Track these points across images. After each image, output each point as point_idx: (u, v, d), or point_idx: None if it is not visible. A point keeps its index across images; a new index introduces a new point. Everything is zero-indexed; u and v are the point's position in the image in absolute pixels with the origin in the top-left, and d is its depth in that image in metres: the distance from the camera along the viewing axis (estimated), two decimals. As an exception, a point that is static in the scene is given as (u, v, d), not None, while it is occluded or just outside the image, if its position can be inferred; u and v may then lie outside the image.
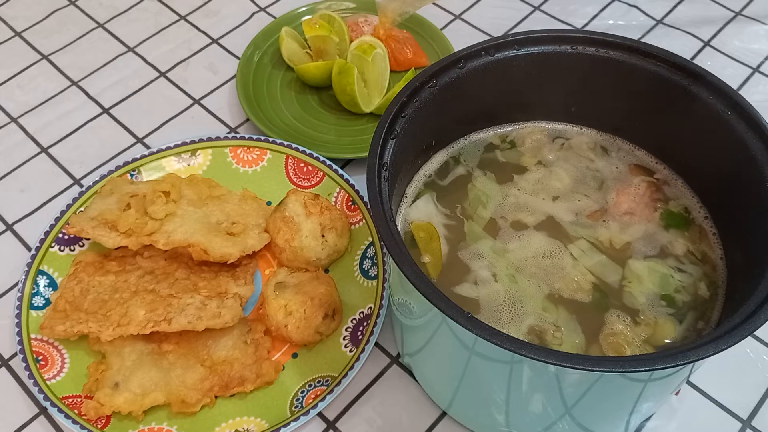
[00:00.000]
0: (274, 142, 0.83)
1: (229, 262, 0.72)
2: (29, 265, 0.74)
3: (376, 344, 0.72)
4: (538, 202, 0.64)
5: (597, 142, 0.68)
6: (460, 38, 0.98)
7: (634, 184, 0.65)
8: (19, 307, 0.71)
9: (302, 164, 0.82)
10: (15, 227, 0.83)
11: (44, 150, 0.90)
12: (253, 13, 1.05)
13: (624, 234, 0.62)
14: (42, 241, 0.76)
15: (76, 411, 0.65)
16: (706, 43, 1.00)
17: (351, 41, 0.91)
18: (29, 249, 0.80)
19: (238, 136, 0.86)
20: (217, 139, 0.84)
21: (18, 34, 1.03)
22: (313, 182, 0.82)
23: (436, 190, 0.66)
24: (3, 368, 0.72)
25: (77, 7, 1.07)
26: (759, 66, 0.97)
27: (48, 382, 0.67)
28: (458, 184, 0.66)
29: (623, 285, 0.59)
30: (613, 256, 0.61)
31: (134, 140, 0.91)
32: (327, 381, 0.68)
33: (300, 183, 0.82)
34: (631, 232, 0.62)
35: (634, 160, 0.67)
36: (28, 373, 0.67)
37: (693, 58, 0.98)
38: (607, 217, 0.63)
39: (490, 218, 0.63)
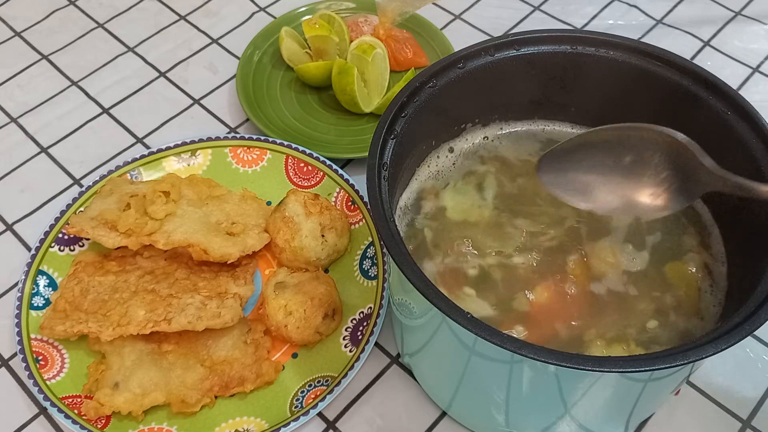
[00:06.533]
0: (274, 142, 0.83)
1: (229, 262, 0.72)
2: (29, 265, 0.74)
3: (376, 344, 0.72)
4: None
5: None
6: (460, 38, 0.98)
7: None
8: (19, 307, 0.71)
9: (302, 164, 0.82)
10: (15, 227, 0.83)
11: (44, 150, 0.90)
12: (253, 13, 1.05)
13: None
14: (42, 241, 0.76)
15: (76, 411, 0.65)
16: (706, 43, 1.00)
17: (351, 41, 0.91)
18: (29, 249, 0.80)
19: (238, 136, 0.86)
20: (217, 139, 0.84)
21: (18, 34, 1.03)
22: (313, 182, 0.82)
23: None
24: (3, 368, 0.72)
25: (77, 7, 1.07)
26: (759, 66, 0.97)
27: (48, 382, 0.67)
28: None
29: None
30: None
31: (134, 140, 0.91)
32: (327, 381, 0.68)
33: (300, 183, 0.82)
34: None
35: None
36: (27, 373, 0.67)
37: (693, 58, 0.98)
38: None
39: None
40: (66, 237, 0.77)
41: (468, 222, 0.63)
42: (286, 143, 0.83)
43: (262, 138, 0.84)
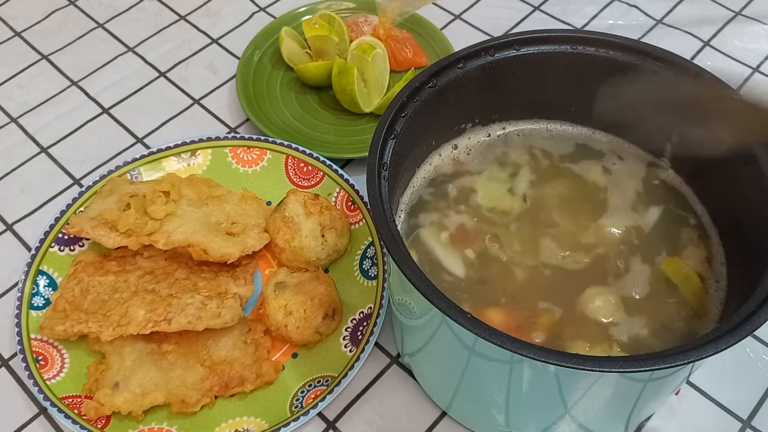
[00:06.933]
0: (273, 142, 0.83)
1: (229, 262, 0.72)
2: (29, 265, 0.74)
3: (376, 344, 0.72)
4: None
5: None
6: (460, 38, 0.98)
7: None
8: (19, 307, 0.71)
9: (302, 164, 0.82)
10: (15, 227, 0.83)
11: (44, 150, 0.90)
12: (253, 13, 1.05)
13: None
14: (42, 241, 0.76)
15: (76, 411, 0.65)
16: (706, 43, 1.00)
17: (351, 41, 0.91)
18: (29, 249, 0.80)
19: (238, 136, 0.86)
20: (217, 139, 0.84)
21: (18, 34, 1.03)
22: (313, 182, 0.82)
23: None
24: (3, 368, 0.72)
25: (77, 7, 1.07)
26: (759, 66, 0.97)
27: (48, 382, 0.67)
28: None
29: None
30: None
31: (134, 140, 0.91)
32: (327, 381, 0.68)
33: (300, 183, 0.82)
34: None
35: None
36: (27, 373, 0.67)
37: (693, 58, 0.98)
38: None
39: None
40: (66, 237, 0.77)
41: (496, 209, 0.64)
42: (286, 143, 0.83)
43: (262, 138, 0.84)
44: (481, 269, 0.60)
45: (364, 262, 0.76)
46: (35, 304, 0.72)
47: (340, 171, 0.81)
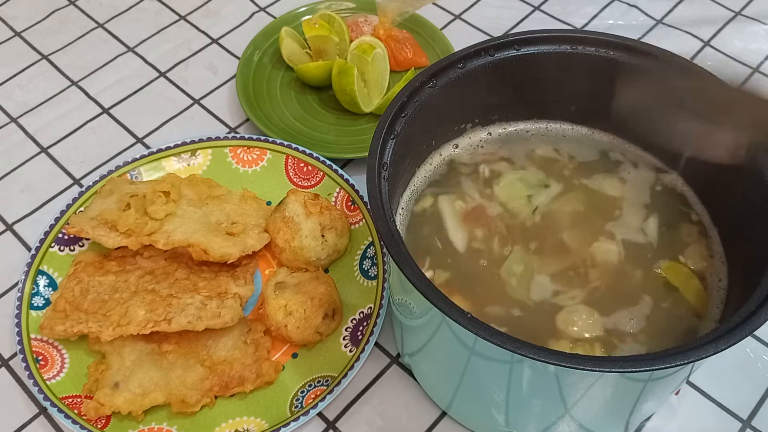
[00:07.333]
0: (273, 142, 0.83)
1: (229, 262, 0.72)
2: (29, 265, 0.74)
3: (376, 344, 0.72)
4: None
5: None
6: (460, 38, 0.98)
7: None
8: (19, 307, 0.71)
9: (302, 164, 0.82)
10: (15, 227, 0.83)
11: (44, 150, 0.90)
12: (253, 13, 1.06)
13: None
14: (42, 241, 0.76)
15: (76, 411, 0.65)
16: (706, 43, 1.00)
17: (351, 41, 0.91)
18: (29, 249, 0.80)
19: (238, 136, 0.86)
20: (217, 139, 0.84)
21: (18, 34, 1.03)
22: (313, 182, 0.82)
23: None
24: (3, 368, 0.72)
25: (77, 7, 1.07)
26: (759, 66, 0.97)
27: (48, 382, 0.67)
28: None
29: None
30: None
31: (134, 140, 0.91)
32: (327, 381, 0.68)
33: (300, 183, 0.82)
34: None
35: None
36: (27, 373, 0.67)
37: (693, 58, 0.98)
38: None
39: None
40: (66, 237, 0.77)
41: (507, 206, 0.64)
42: (286, 143, 0.83)
43: (262, 138, 0.84)
44: (477, 259, 0.60)
45: (364, 262, 0.76)
46: (35, 304, 0.72)
47: (340, 171, 0.81)
